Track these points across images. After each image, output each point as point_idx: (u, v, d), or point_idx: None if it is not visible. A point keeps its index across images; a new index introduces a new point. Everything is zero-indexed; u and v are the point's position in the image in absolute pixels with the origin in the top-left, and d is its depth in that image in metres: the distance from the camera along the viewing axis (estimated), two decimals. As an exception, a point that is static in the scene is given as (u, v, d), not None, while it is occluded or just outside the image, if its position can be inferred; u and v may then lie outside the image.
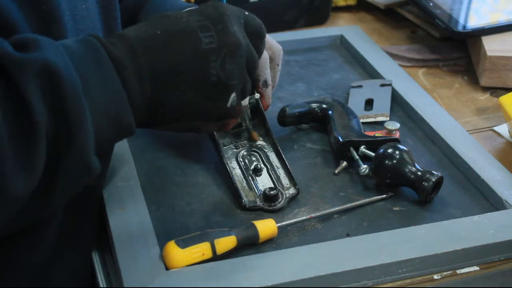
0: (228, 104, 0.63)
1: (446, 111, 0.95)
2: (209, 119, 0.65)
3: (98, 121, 0.56)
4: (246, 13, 0.67)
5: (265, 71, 0.82)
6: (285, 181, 0.81)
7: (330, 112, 0.91)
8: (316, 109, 0.92)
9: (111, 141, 0.60)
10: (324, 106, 0.92)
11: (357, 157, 0.83)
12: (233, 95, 0.63)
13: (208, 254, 0.69)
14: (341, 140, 0.84)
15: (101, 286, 0.77)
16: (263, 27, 0.69)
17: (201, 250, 0.69)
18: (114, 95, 0.57)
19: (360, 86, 1.02)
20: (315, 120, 0.93)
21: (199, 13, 0.63)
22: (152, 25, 0.61)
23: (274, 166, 0.83)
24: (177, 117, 0.63)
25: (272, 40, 0.88)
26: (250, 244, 0.72)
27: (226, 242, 0.70)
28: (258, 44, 0.68)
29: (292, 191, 0.80)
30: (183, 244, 0.68)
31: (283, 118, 0.92)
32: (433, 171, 0.78)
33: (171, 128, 0.67)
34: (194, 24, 0.61)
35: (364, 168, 0.82)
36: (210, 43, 0.61)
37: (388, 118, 0.94)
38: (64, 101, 0.53)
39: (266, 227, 0.73)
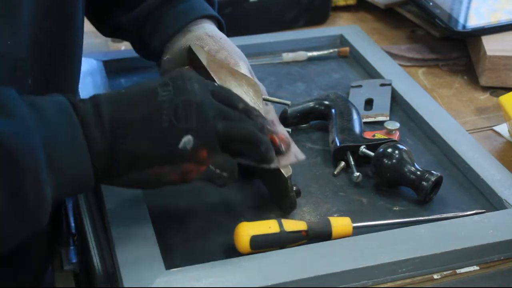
0: (180, 146, 0.66)
1: (446, 110, 0.95)
2: (162, 162, 0.67)
3: (59, 180, 0.62)
4: (216, 84, 0.73)
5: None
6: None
7: (331, 111, 0.91)
8: (317, 108, 0.92)
9: (70, 194, 0.68)
10: (324, 106, 0.92)
11: (353, 163, 0.83)
12: (187, 137, 0.66)
13: (275, 228, 0.71)
14: (338, 145, 0.84)
15: (101, 286, 0.77)
16: (234, 96, 0.72)
17: (268, 224, 0.71)
18: (79, 157, 0.63)
19: (360, 86, 1.02)
20: (317, 119, 0.93)
21: (165, 76, 0.70)
22: (123, 88, 0.71)
23: None
24: (132, 163, 0.66)
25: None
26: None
27: (295, 222, 0.72)
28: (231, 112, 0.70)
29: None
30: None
31: (285, 119, 0.92)
32: (432, 171, 0.79)
33: (136, 182, 0.69)
34: (156, 83, 0.68)
35: (357, 175, 0.82)
36: (166, 95, 0.67)
37: (388, 118, 0.94)
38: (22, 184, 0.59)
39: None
